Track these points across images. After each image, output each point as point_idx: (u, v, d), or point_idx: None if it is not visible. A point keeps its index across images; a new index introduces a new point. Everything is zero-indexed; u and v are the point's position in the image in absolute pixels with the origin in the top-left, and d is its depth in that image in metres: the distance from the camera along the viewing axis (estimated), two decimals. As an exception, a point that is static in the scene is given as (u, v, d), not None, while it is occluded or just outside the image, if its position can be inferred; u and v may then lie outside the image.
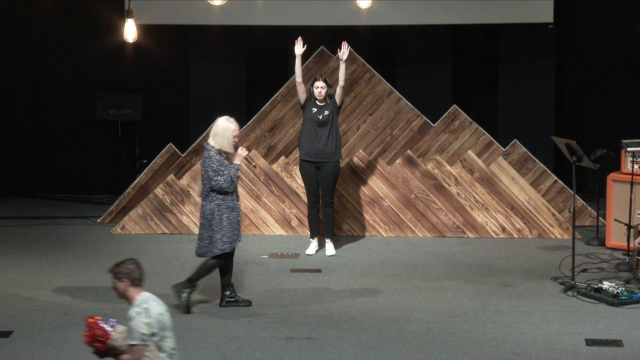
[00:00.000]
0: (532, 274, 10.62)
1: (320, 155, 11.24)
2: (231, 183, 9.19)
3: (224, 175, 9.17)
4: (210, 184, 9.20)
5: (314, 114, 11.24)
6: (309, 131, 11.28)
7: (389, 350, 8.35)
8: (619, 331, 8.78)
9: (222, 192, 9.22)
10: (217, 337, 8.66)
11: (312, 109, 11.27)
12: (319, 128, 11.24)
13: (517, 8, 13.47)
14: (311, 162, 11.31)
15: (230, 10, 13.38)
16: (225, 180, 9.17)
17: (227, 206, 9.27)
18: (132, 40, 12.74)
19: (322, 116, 11.24)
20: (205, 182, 9.27)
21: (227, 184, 9.18)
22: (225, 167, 9.19)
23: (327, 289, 10.08)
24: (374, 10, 13.04)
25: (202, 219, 9.32)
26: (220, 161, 9.19)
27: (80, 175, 14.63)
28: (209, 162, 9.19)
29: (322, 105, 11.27)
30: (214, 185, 9.19)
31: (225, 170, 9.18)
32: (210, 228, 9.27)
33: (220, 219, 9.25)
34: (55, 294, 9.87)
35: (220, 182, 9.16)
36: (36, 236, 12.31)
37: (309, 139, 11.28)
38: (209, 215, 9.27)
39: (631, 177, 11.09)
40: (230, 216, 9.28)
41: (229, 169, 9.20)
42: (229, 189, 9.21)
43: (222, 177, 9.16)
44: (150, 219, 12.36)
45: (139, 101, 14.39)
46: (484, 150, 12.41)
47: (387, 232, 12.27)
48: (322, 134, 11.23)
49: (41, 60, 14.47)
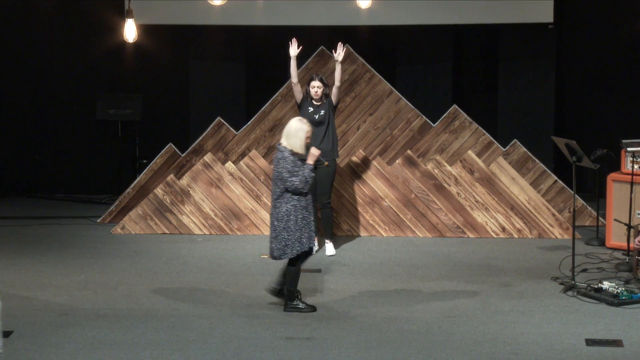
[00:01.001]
0: (532, 274, 10.62)
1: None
2: (306, 183, 9.15)
3: (298, 175, 9.15)
4: (285, 185, 9.17)
5: (310, 113, 11.26)
6: None
7: (389, 350, 8.35)
8: (619, 331, 8.77)
9: (297, 192, 9.18)
10: (217, 337, 8.66)
11: (308, 108, 11.30)
12: (315, 127, 11.25)
13: (517, 8, 13.47)
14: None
15: (230, 10, 13.38)
16: (301, 180, 9.13)
17: (302, 206, 9.23)
18: (132, 40, 12.75)
19: (319, 116, 11.26)
20: (279, 183, 9.21)
21: (302, 185, 9.15)
22: (299, 168, 9.17)
23: (327, 289, 10.07)
24: (374, 10, 13.04)
25: (276, 220, 9.24)
26: (294, 162, 9.17)
27: (80, 175, 14.63)
28: (283, 163, 9.17)
29: (318, 105, 11.30)
30: (289, 186, 9.16)
31: (299, 171, 9.16)
32: (288, 230, 9.21)
33: (297, 219, 9.22)
34: (55, 294, 9.87)
35: (296, 183, 9.14)
36: (36, 236, 12.31)
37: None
38: (285, 216, 9.21)
39: (631, 177, 11.09)
40: (306, 216, 9.26)
41: (303, 169, 9.18)
42: (303, 190, 9.17)
43: (297, 177, 9.12)
44: (150, 219, 12.36)
45: (139, 101, 14.39)
46: (484, 150, 12.41)
47: (387, 232, 12.27)
48: (318, 133, 11.25)
49: (41, 61, 14.47)
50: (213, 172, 12.39)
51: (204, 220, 12.34)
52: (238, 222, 12.33)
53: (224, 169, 12.41)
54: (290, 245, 9.21)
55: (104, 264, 11.03)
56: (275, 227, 9.24)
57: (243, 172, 12.39)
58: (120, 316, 9.18)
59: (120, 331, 8.76)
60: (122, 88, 14.48)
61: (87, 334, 8.69)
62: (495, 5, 13.54)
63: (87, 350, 8.34)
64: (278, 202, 9.23)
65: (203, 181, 12.37)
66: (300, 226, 9.21)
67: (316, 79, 11.28)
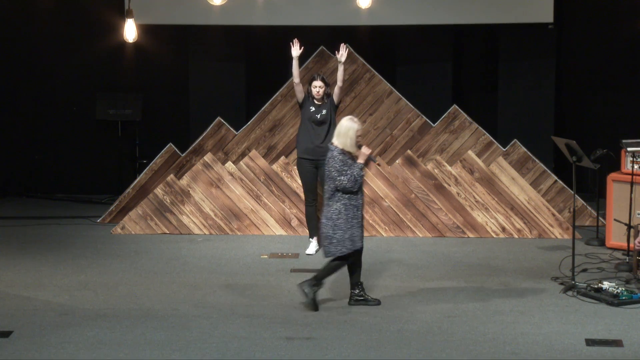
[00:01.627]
0: (532, 274, 10.62)
1: (319, 153, 11.26)
2: (355, 182, 9.19)
3: (347, 174, 9.17)
4: (334, 183, 9.22)
5: (312, 112, 11.29)
6: (306, 130, 11.34)
7: (389, 350, 8.35)
8: (619, 331, 8.77)
9: (346, 191, 9.23)
10: (217, 337, 8.66)
11: (310, 107, 11.32)
12: (317, 127, 11.30)
13: (517, 8, 13.47)
14: (309, 160, 11.36)
15: (230, 10, 13.37)
16: (349, 179, 9.17)
17: (353, 205, 9.28)
18: (132, 40, 12.74)
19: (320, 115, 11.29)
20: (330, 182, 9.27)
21: (350, 184, 9.19)
22: (348, 167, 9.20)
23: (327, 289, 10.07)
24: (374, 10, 13.03)
25: (326, 219, 9.29)
26: (343, 161, 9.21)
27: (80, 175, 14.63)
28: (332, 162, 9.22)
29: (319, 105, 11.32)
30: (338, 185, 9.20)
31: (348, 170, 9.19)
32: (337, 228, 9.25)
33: (347, 218, 9.24)
34: (55, 294, 9.87)
35: (344, 182, 9.18)
36: (36, 236, 12.30)
37: (307, 138, 11.34)
38: (335, 215, 9.26)
39: (631, 177, 11.09)
40: (357, 215, 9.29)
41: (353, 168, 9.21)
42: (352, 189, 9.21)
43: (346, 176, 9.17)
44: (150, 219, 12.36)
45: (139, 101, 14.39)
46: (484, 150, 12.41)
47: (387, 232, 12.27)
48: (320, 132, 11.28)
49: (41, 60, 14.47)
50: (213, 172, 12.39)
51: (204, 220, 12.34)
52: (238, 222, 12.33)
53: (224, 169, 12.41)
54: (340, 244, 9.25)
55: (104, 264, 11.03)
56: (324, 225, 9.29)
57: (243, 172, 12.39)
58: (120, 316, 9.18)
59: (120, 331, 8.76)
60: (122, 88, 14.48)
61: (87, 334, 8.69)
62: (495, 5, 13.54)
63: (87, 350, 8.34)
64: (330, 201, 9.30)
65: (203, 181, 12.37)
66: (351, 225, 9.25)
67: (318, 78, 11.30)
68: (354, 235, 9.29)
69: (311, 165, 11.39)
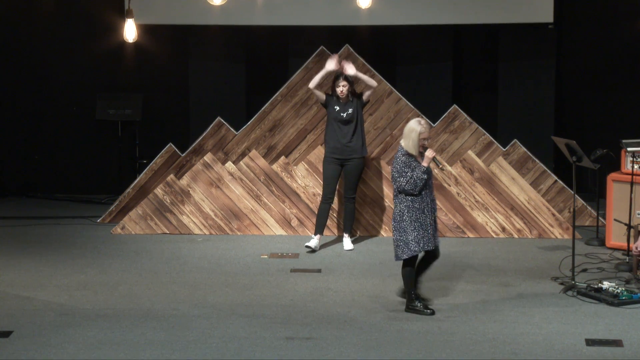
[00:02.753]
0: (532, 274, 10.62)
1: (347, 152, 11.36)
2: (414, 185, 9.05)
3: (406, 177, 9.07)
4: (395, 184, 9.16)
5: (337, 112, 11.33)
6: (333, 129, 11.39)
7: (389, 350, 8.35)
8: (619, 331, 8.77)
9: (407, 193, 9.13)
10: (217, 337, 8.66)
11: (334, 107, 11.36)
12: (343, 126, 11.34)
13: (517, 8, 13.48)
14: (337, 159, 11.41)
15: (230, 10, 13.38)
16: (408, 182, 9.05)
17: (416, 207, 9.14)
18: (132, 40, 12.74)
19: (346, 114, 11.33)
20: (393, 183, 9.21)
21: (409, 186, 9.06)
22: (411, 169, 9.08)
23: (327, 289, 10.07)
24: (374, 10, 13.04)
25: (393, 221, 9.24)
26: (406, 162, 9.10)
27: (80, 175, 14.63)
28: (394, 163, 9.14)
29: (344, 103, 11.34)
30: (398, 187, 9.13)
31: (409, 172, 9.08)
32: (402, 230, 9.17)
33: (411, 220, 9.15)
34: (55, 294, 9.87)
35: (403, 184, 9.08)
36: (36, 236, 12.30)
37: (335, 137, 11.39)
38: (398, 217, 9.18)
39: (631, 177, 11.09)
40: (420, 217, 9.15)
41: (415, 170, 9.09)
42: (412, 191, 9.08)
43: (405, 178, 9.05)
44: (150, 219, 12.36)
45: (139, 101, 14.39)
46: (484, 150, 12.41)
47: (387, 232, 12.27)
48: (347, 131, 11.33)
49: (41, 61, 14.47)
50: (213, 172, 12.39)
51: (204, 220, 12.34)
52: (238, 222, 12.33)
53: (224, 169, 12.42)
54: (404, 246, 9.17)
55: (104, 264, 11.03)
56: (392, 228, 9.24)
57: (243, 172, 12.39)
58: (120, 316, 9.18)
59: (120, 331, 8.76)
60: (122, 88, 14.48)
61: (87, 334, 8.69)
62: (495, 5, 13.54)
63: (87, 350, 8.34)
64: (395, 202, 9.25)
65: (203, 181, 12.37)
66: (415, 227, 9.13)
67: (341, 77, 11.31)
68: (419, 238, 9.14)
69: (337, 164, 11.44)
